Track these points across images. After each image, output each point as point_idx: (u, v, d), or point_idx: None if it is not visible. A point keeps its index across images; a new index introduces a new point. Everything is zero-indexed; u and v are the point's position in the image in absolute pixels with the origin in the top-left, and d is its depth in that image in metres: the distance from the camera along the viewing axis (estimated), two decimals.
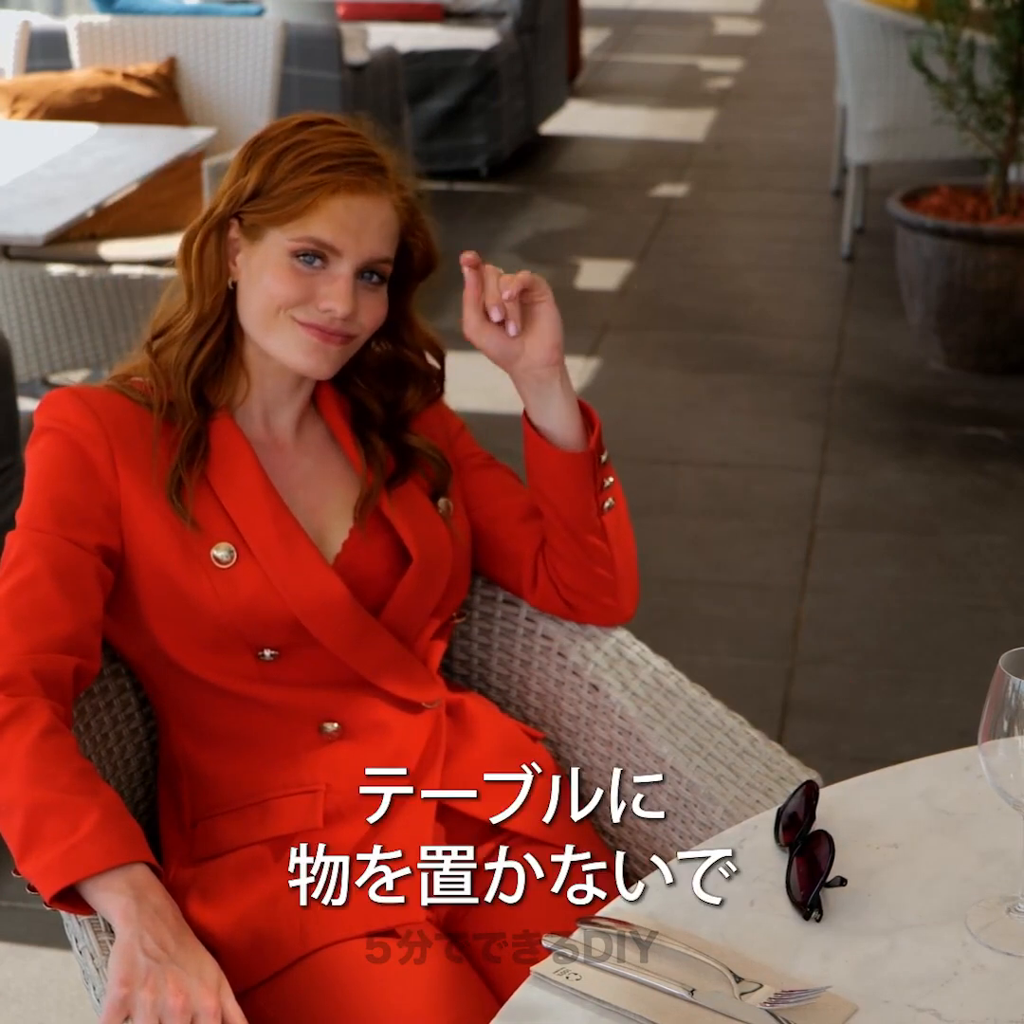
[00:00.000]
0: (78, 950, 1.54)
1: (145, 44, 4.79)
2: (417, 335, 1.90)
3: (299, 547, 1.77)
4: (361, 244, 1.75)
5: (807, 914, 1.43)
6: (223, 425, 1.80)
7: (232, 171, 1.79)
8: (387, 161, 1.80)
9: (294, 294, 1.74)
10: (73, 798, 1.54)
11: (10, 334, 4.24)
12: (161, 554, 1.74)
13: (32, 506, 1.73)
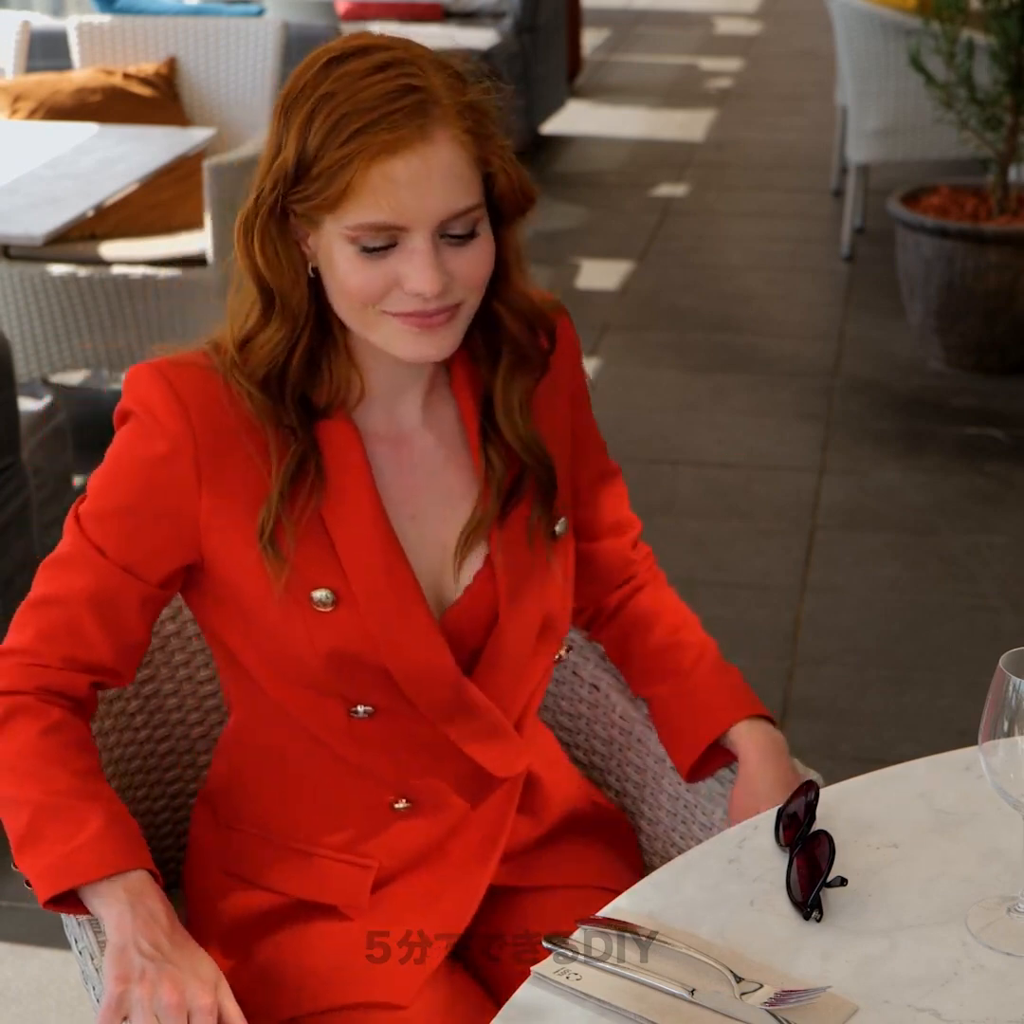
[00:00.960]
0: (78, 951, 1.54)
1: (145, 44, 4.79)
2: (515, 292, 1.58)
3: (407, 599, 1.57)
4: (426, 207, 1.45)
5: (807, 914, 1.43)
6: (337, 429, 1.56)
7: (271, 135, 1.51)
8: (434, 84, 1.46)
9: (373, 288, 1.48)
10: (75, 802, 1.51)
11: (10, 334, 4.24)
12: (249, 586, 1.55)
13: (100, 513, 1.56)
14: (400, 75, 1.45)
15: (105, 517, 1.56)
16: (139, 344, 4.28)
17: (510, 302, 1.57)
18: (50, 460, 3.26)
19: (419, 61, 1.47)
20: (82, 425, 4.43)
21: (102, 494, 1.56)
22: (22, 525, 3.10)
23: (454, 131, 1.45)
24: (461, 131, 1.46)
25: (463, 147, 1.46)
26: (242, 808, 1.67)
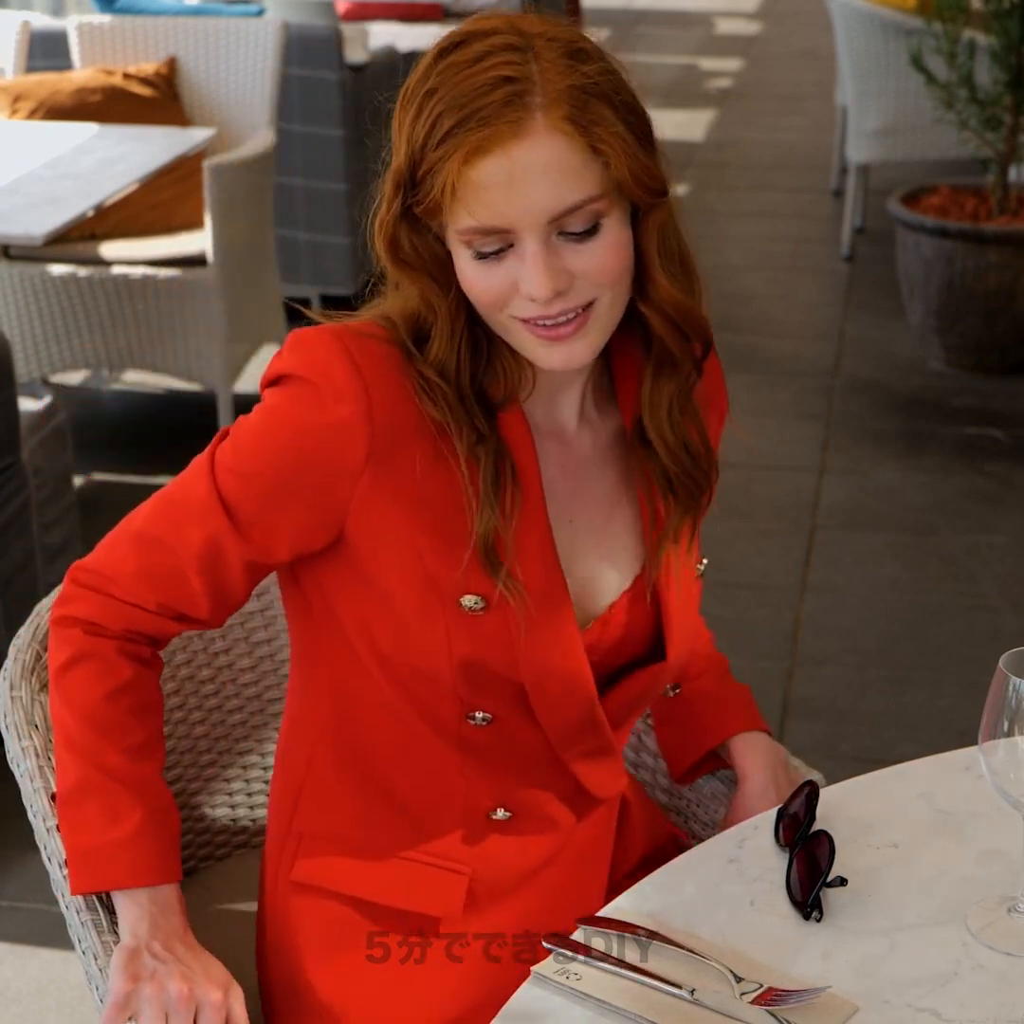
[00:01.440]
0: (81, 951, 1.54)
1: (145, 44, 4.79)
2: (660, 291, 1.45)
3: (558, 614, 1.49)
4: (528, 208, 1.35)
5: (807, 914, 1.43)
6: (511, 422, 1.47)
7: (394, 132, 1.42)
8: (535, 71, 1.35)
9: (493, 294, 1.40)
10: (119, 787, 1.48)
11: (10, 334, 4.24)
12: (394, 580, 1.47)
13: (244, 471, 1.45)
14: (496, 64, 1.35)
15: (249, 478, 1.46)
16: (139, 344, 4.28)
17: (655, 302, 1.46)
18: (50, 460, 3.26)
19: (526, 44, 1.36)
20: (82, 425, 4.43)
21: (252, 452, 1.46)
22: (22, 525, 3.10)
23: (553, 120, 1.34)
24: (562, 119, 1.35)
25: (567, 137, 1.35)
26: (323, 810, 1.60)
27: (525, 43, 1.37)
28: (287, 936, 1.62)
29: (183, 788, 1.87)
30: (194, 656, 1.84)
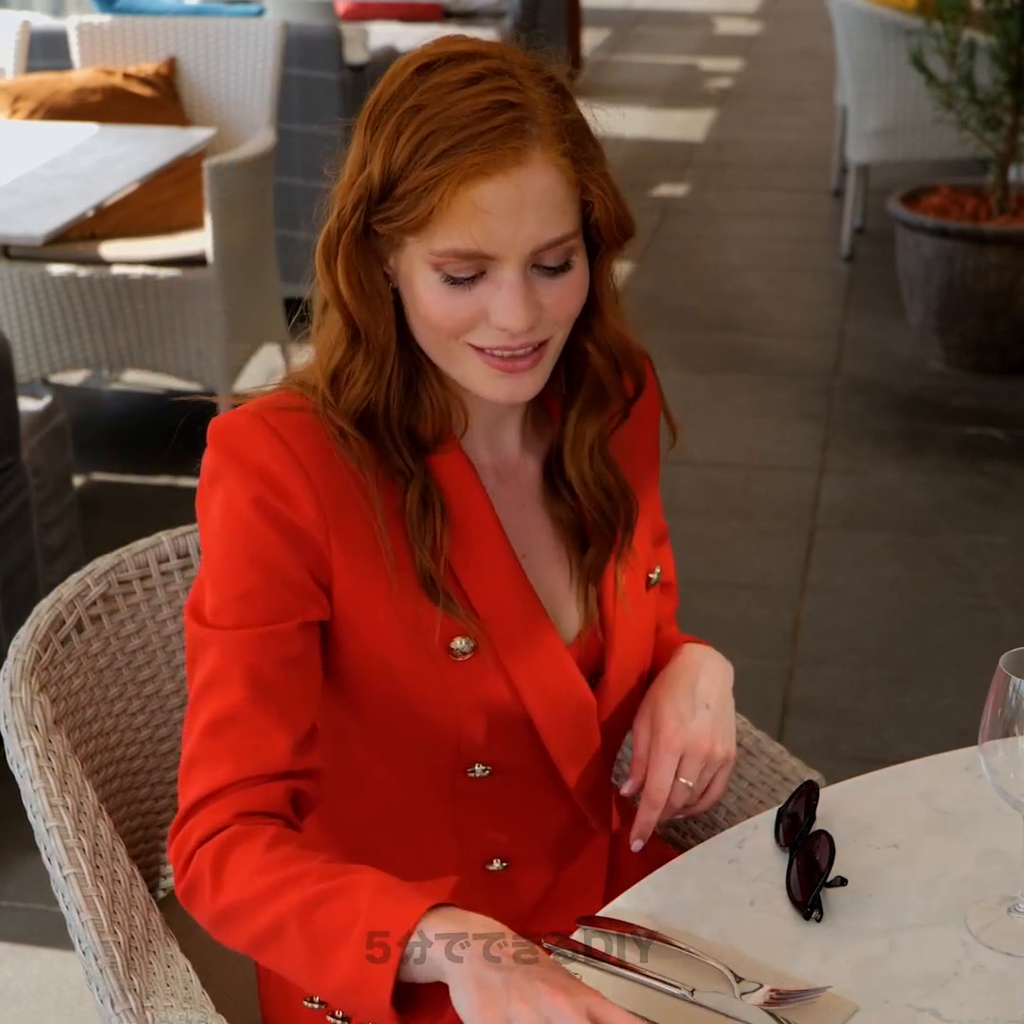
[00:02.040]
0: (81, 950, 1.54)
1: (145, 44, 4.79)
2: (607, 329, 1.47)
3: (546, 641, 1.49)
4: (519, 237, 1.34)
5: (807, 914, 1.43)
6: (450, 462, 1.46)
7: (355, 148, 1.38)
8: (533, 100, 1.34)
9: (457, 320, 1.37)
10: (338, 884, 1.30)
11: (10, 334, 4.24)
12: (382, 644, 1.44)
13: (229, 599, 1.40)
14: (495, 89, 1.33)
15: (228, 591, 1.41)
16: (139, 344, 4.28)
17: (600, 339, 1.47)
18: (50, 460, 3.26)
19: (517, 72, 1.35)
20: (82, 425, 4.43)
21: (225, 581, 1.41)
22: (22, 525, 3.10)
23: (551, 154, 1.34)
24: (559, 154, 1.35)
25: (560, 171, 1.35)
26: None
27: (513, 71, 1.36)
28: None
29: None
30: None
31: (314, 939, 1.28)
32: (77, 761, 1.65)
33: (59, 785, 1.58)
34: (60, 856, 1.54)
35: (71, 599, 1.73)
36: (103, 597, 1.75)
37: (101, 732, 1.76)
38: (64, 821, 1.56)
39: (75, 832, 1.56)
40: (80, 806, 1.59)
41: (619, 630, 1.57)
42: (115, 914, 1.53)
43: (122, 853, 1.60)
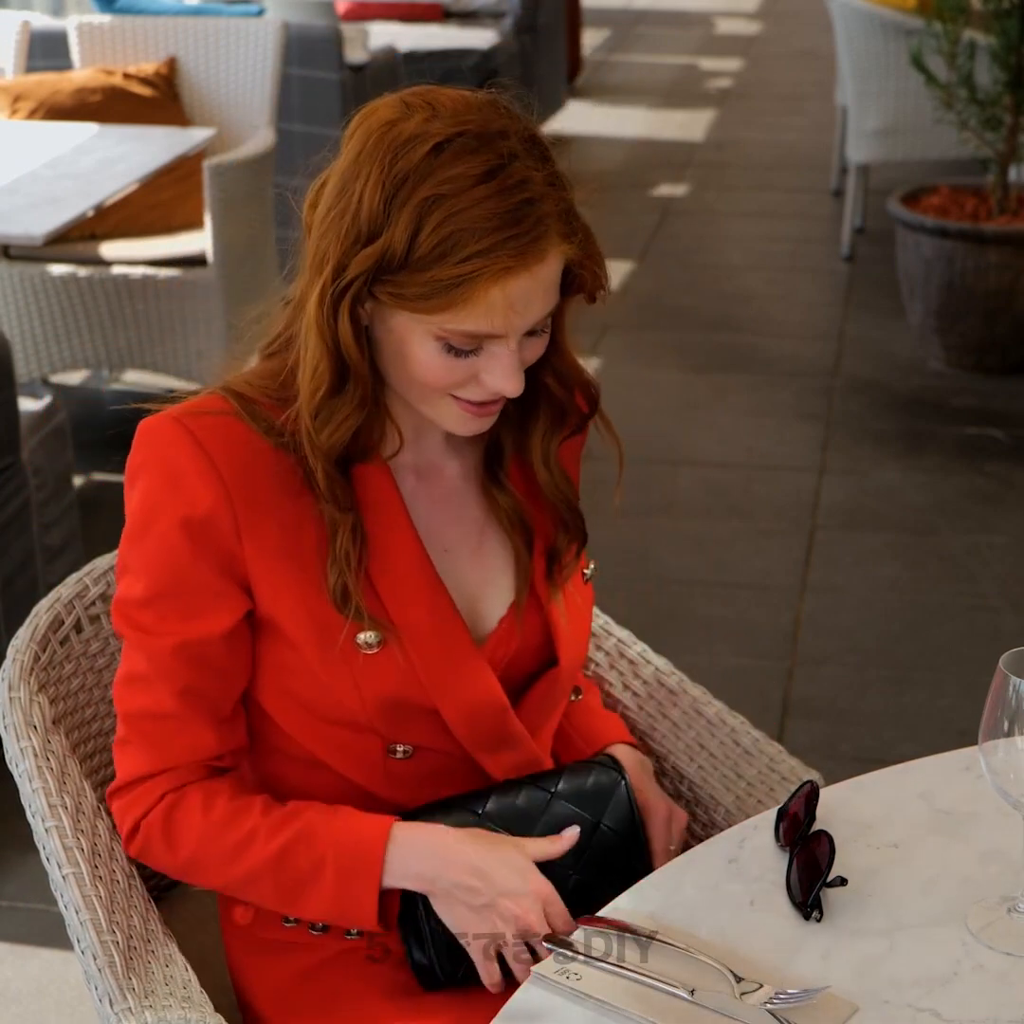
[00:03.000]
0: (80, 951, 1.54)
1: (145, 44, 4.79)
2: (566, 360, 1.57)
3: (453, 636, 1.56)
4: (525, 321, 1.44)
5: (807, 914, 1.43)
6: (372, 476, 1.54)
7: (366, 209, 1.42)
8: (545, 197, 1.42)
9: (451, 381, 1.46)
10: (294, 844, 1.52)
11: (10, 334, 4.24)
12: (293, 634, 1.52)
13: (148, 596, 1.51)
14: (514, 187, 1.40)
15: (154, 600, 1.51)
16: (139, 344, 4.28)
17: (560, 371, 1.57)
18: (50, 460, 3.26)
19: (522, 155, 1.42)
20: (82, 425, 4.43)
21: (142, 574, 1.51)
22: (22, 525, 3.10)
23: (562, 245, 1.43)
24: (566, 242, 1.44)
25: (564, 256, 1.44)
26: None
27: (519, 153, 1.42)
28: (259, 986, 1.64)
29: None
30: None
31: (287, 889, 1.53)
32: (76, 761, 1.65)
33: (58, 785, 1.58)
34: (59, 856, 1.54)
35: (70, 599, 1.73)
36: (102, 597, 1.75)
37: (100, 732, 1.76)
38: (63, 821, 1.56)
39: (74, 832, 1.56)
40: (79, 806, 1.59)
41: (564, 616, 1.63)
42: (114, 914, 1.53)
43: (121, 853, 1.60)
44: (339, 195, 1.45)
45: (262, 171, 4.41)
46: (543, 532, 1.63)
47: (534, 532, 1.62)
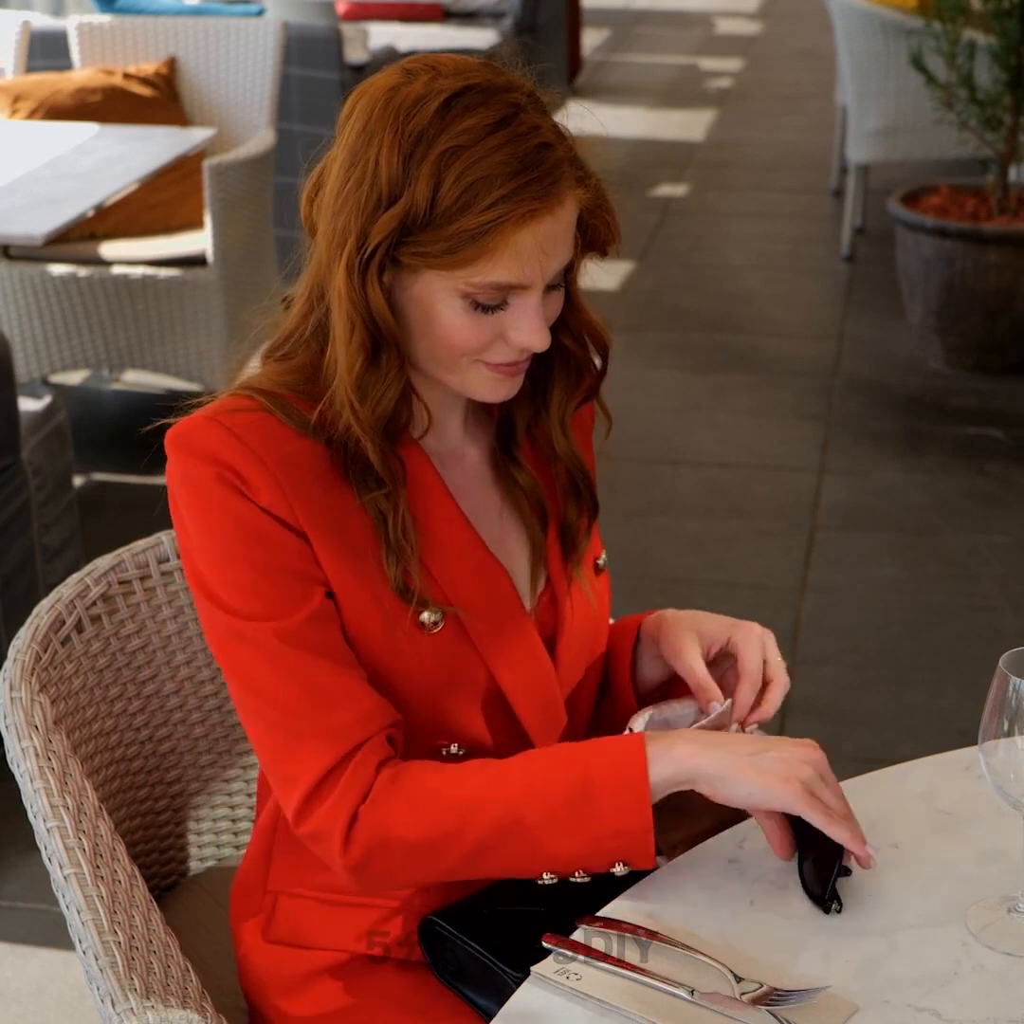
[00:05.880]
0: (81, 950, 1.54)
1: (145, 44, 4.79)
2: (580, 317, 1.57)
3: (512, 612, 1.56)
4: (549, 268, 1.44)
5: (827, 907, 1.43)
6: (411, 459, 1.52)
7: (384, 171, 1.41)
8: (558, 142, 1.44)
9: (479, 342, 1.45)
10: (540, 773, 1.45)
11: (10, 334, 4.24)
12: (361, 622, 1.49)
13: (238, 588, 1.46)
14: (527, 133, 1.41)
15: (247, 588, 1.46)
16: (139, 344, 4.28)
17: (575, 328, 1.56)
18: (50, 460, 3.26)
19: (528, 107, 1.43)
20: (82, 425, 4.43)
21: (227, 571, 1.47)
22: (22, 525, 3.10)
23: (577, 191, 1.45)
24: (580, 186, 1.45)
25: (579, 202, 1.46)
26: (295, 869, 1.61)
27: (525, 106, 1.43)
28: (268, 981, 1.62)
29: (183, 789, 1.87)
30: (194, 656, 1.85)
31: (552, 815, 1.42)
32: (77, 761, 1.65)
33: (59, 785, 1.58)
34: (60, 856, 1.54)
35: (71, 599, 1.73)
36: (103, 597, 1.75)
37: (101, 732, 1.76)
38: (64, 821, 1.56)
39: (75, 832, 1.56)
40: (80, 806, 1.59)
41: (571, 606, 1.61)
42: (115, 914, 1.53)
43: (122, 853, 1.60)
44: (350, 168, 1.43)
45: (262, 171, 4.42)
46: (555, 514, 1.62)
47: (548, 515, 1.61)
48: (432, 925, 1.53)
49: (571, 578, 1.62)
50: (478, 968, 1.50)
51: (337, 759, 1.45)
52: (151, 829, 1.85)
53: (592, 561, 1.67)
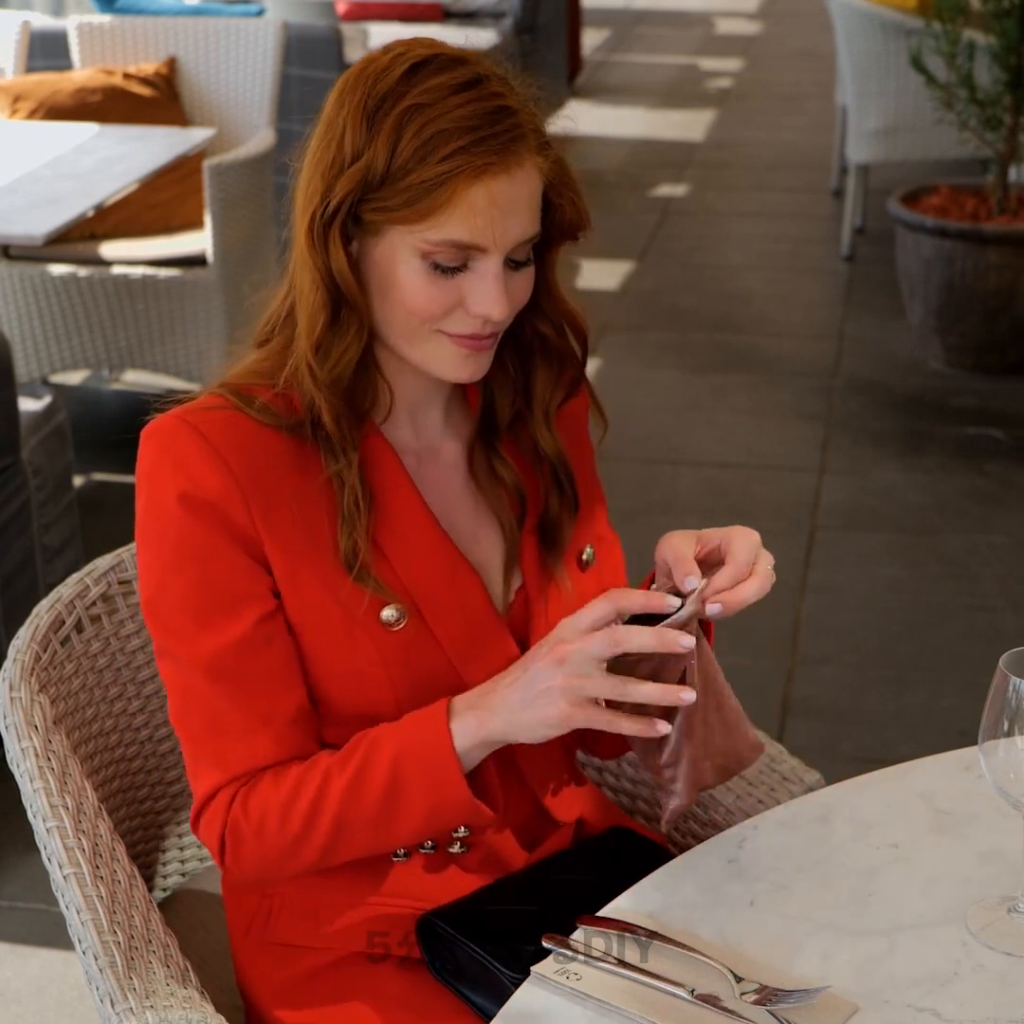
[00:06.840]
0: (81, 950, 1.54)
1: (145, 44, 4.79)
2: (558, 305, 1.57)
3: (478, 608, 1.55)
4: (508, 233, 1.44)
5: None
6: (374, 446, 1.53)
7: (349, 136, 1.43)
8: (522, 110, 1.45)
9: (437, 307, 1.45)
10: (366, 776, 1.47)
11: (10, 334, 4.24)
12: (319, 620, 1.50)
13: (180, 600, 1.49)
14: (492, 95, 1.43)
15: (178, 599, 1.49)
16: (139, 344, 4.28)
17: (553, 317, 1.57)
18: (50, 460, 3.26)
19: (502, 79, 1.46)
20: (82, 425, 4.43)
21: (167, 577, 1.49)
22: (22, 525, 3.10)
23: (537, 159, 1.45)
24: (542, 159, 1.46)
25: (541, 174, 1.46)
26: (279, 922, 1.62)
27: (497, 77, 1.46)
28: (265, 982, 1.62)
29: (183, 789, 1.87)
30: None
31: (378, 807, 1.47)
32: (77, 761, 1.65)
33: (59, 785, 1.58)
34: (60, 856, 1.54)
35: (71, 599, 1.73)
36: (103, 597, 1.75)
37: (101, 732, 1.76)
38: (64, 821, 1.56)
39: (75, 832, 1.56)
40: (80, 806, 1.59)
41: (545, 606, 1.58)
42: (115, 914, 1.53)
43: (122, 853, 1.60)
44: (322, 136, 1.47)
45: (262, 171, 4.41)
46: (535, 511, 1.60)
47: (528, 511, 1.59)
48: (430, 925, 1.54)
49: (551, 576, 1.60)
50: (476, 968, 1.50)
51: (218, 785, 1.51)
52: (151, 829, 1.85)
53: (576, 557, 1.63)
